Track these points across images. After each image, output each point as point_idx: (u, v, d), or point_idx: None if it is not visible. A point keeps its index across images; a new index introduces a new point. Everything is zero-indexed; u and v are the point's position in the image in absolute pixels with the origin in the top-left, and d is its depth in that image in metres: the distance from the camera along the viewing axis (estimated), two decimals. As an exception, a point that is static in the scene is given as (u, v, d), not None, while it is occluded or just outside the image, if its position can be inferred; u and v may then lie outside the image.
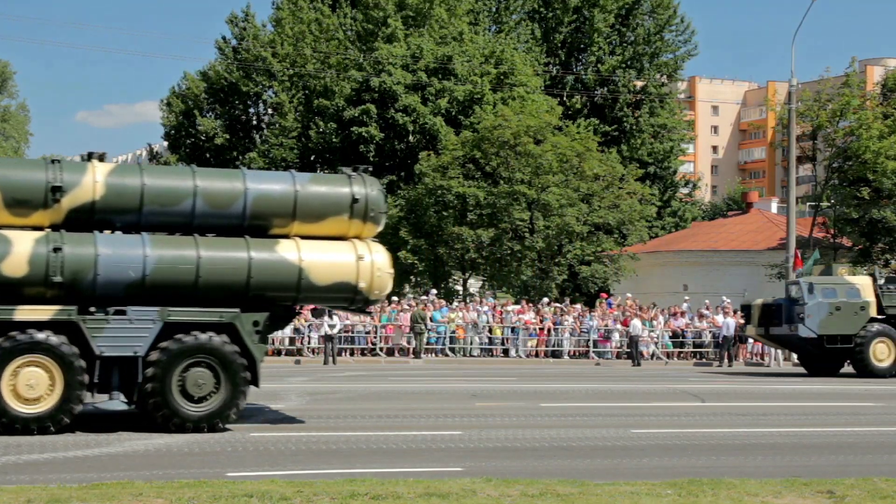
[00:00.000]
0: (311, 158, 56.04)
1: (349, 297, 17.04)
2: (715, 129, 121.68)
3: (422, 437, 16.66)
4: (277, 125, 56.33)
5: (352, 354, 36.85)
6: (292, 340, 36.78)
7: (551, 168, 44.34)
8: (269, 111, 60.33)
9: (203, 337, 16.04)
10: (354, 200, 16.99)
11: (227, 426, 16.52)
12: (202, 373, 16.10)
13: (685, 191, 66.54)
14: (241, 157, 57.72)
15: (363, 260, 16.84)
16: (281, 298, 16.82)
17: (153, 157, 67.23)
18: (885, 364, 32.16)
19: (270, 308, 16.64)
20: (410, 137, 50.03)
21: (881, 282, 33.22)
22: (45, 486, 11.57)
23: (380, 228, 17.59)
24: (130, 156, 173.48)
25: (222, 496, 11.01)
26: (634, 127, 59.32)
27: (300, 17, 56.16)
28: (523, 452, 15.48)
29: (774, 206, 62.42)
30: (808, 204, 57.86)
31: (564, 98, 58.16)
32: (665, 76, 62.91)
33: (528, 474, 13.02)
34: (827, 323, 32.23)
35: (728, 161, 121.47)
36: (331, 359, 34.10)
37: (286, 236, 16.90)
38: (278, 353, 36.43)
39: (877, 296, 32.69)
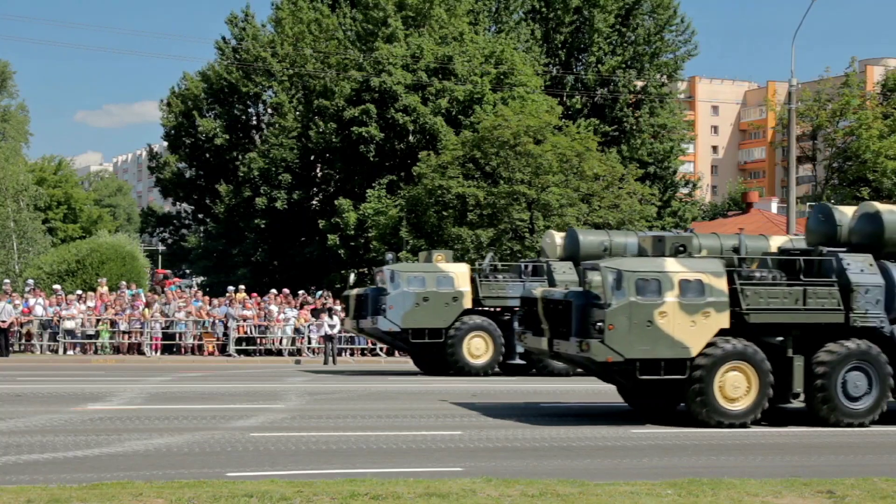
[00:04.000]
0: (311, 158, 56.00)
1: None
2: (715, 129, 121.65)
3: (422, 437, 16.66)
4: (277, 125, 56.29)
5: (352, 354, 36.84)
6: (292, 340, 36.78)
7: (551, 168, 44.30)
8: (269, 111, 60.28)
9: None
10: None
11: None
12: None
13: (685, 191, 66.50)
14: (240, 157, 57.71)
15: None
16: None
17: (153, 157, 67.16)
18: (482, 361, 29.08)
19: None
20: (410, 137, 50.00)
21: (487, 271, 30.03)
22: (45, 486, 11.58)
23: None
24: (130, 156, 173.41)
25: (222, 496, 11.02)
26: (634, 127, 59.28)
27: (300, 17, 56.12)
28: (523, 452, 15.48)
29: (774, 206, 62.35)
30: (808, 204, 57.81)
31: (564, 98, 58.13)
32: (665, 76, 62.85)
33: (528, 474, 13.03)
34: (412, 315, 28.79)
35: (728, 161, 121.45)
36: (331, 359, 34.10)
37: None
38: (279, 353, 36.44)
39: (473, 286, 29.38)
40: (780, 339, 18.91)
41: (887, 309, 19.12)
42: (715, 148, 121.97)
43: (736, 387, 18.29)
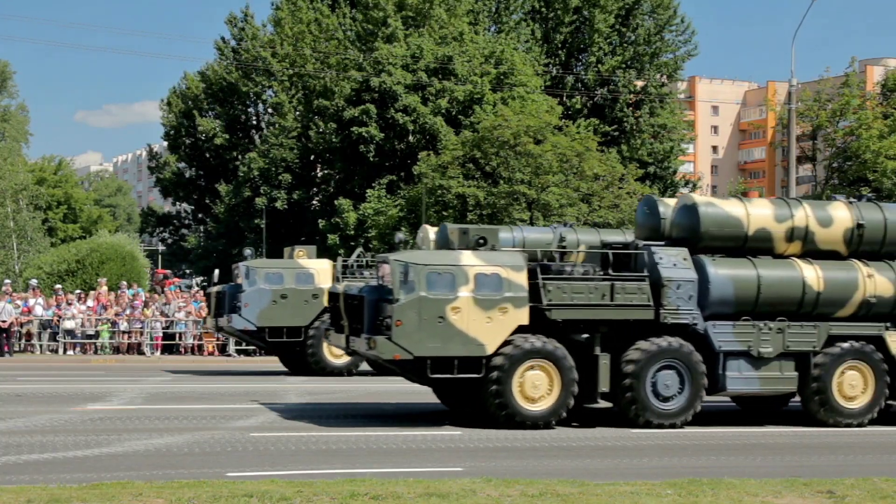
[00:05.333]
0: (311, 158, 56.04)
1: None
2: (715, 129, 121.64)
3: (422, 437, 16.67)
4: (277, 125, 56.32)
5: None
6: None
7: (551, 168, 44.29)
8: (269, 111, 60.33)
9: None
10: None
11: None
12: None
13: (685, 191, 66.51)
14: (240, 157, 57.74)
15: None
16: None
17: (153, 157, 67.21)
18: (344, 360, 27.71)
19: None
20: (410, 137, 50.00)
21: (353, 267, 28.72)
22: (45, 486, 11.57)
23: None
24: (130, 156, 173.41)
25: (222, 496, 11.01)
26: (634, 127, 59.27)
27: (299, 17, 56.15)
28: (523, 452, 15.49)
29: None
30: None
31: (564, 98, 58.13)
32: (665, 76, 62.85)
33: (528, 474, 13.02)
34: (269, 313, 27.54)
35: (728, 161, 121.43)
36: (331, 359, 34.00)
37: None
38: (278, 353, 36.39)
39: (336, 283, 27.46)
40: (587, 336, 17.95)
41: (702, 305, 18.34)
42: (715, 148, 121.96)
43: (536, 386, 17.40)
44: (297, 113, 55.65)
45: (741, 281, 18.56)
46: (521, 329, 17.47)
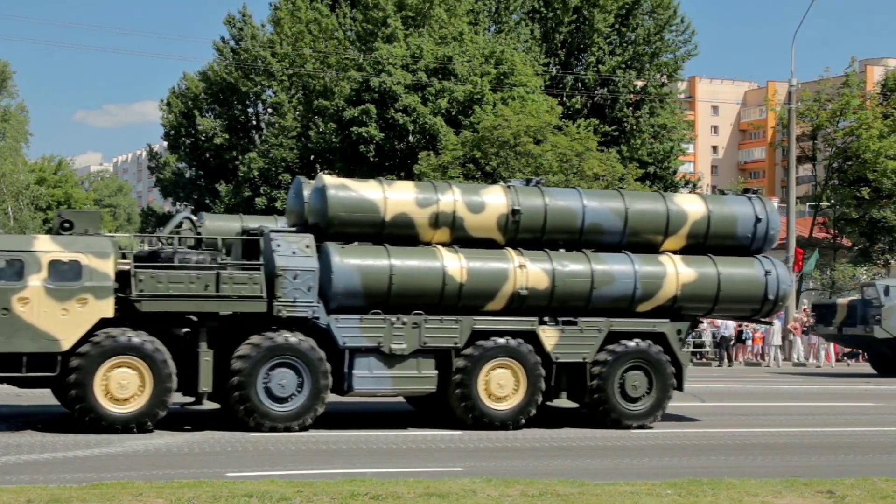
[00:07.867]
0: (311, 158, 56.04)
1: None
2: (715, 129, 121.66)
3: (422, 437, 16.67)
4: (277, 125, 56.33)
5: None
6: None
7: (551, 168, 44.30)
8: (269, 111, 60.33)
9: None
10: None
11: None
12: None
13: (685, 191, 66.47)
14: (240, 157, 57.74)
15: None
16: None
17: (153, 157, 67.24)
18: None
19: None
20: (410, 137, 50.02)
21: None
22: (45, 486, 11.57)
23: None
24: (130, 156, 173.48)
25: (222, 496, 11.01)
26: (634, 127, 59.23)
27: (299, 17, 56.16)
28: (523, 452, 15.49)
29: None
30: (808, 204, 57.85)
31: (564, 98, 58.11)
32: (665, 76, 62.82)
33: (528, 474, 13.02)
34: None
35: (728, 161, 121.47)
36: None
37: None
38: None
39: None
40: (188, 330, 16.51)
41: (326, 297, 16.75)
42: (715, 148, 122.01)
43: (123, 386, 15.88)
44: (297, 113, 55.66)
45: (370, 271, 16.91)
46: (106, 322, 15.97)
